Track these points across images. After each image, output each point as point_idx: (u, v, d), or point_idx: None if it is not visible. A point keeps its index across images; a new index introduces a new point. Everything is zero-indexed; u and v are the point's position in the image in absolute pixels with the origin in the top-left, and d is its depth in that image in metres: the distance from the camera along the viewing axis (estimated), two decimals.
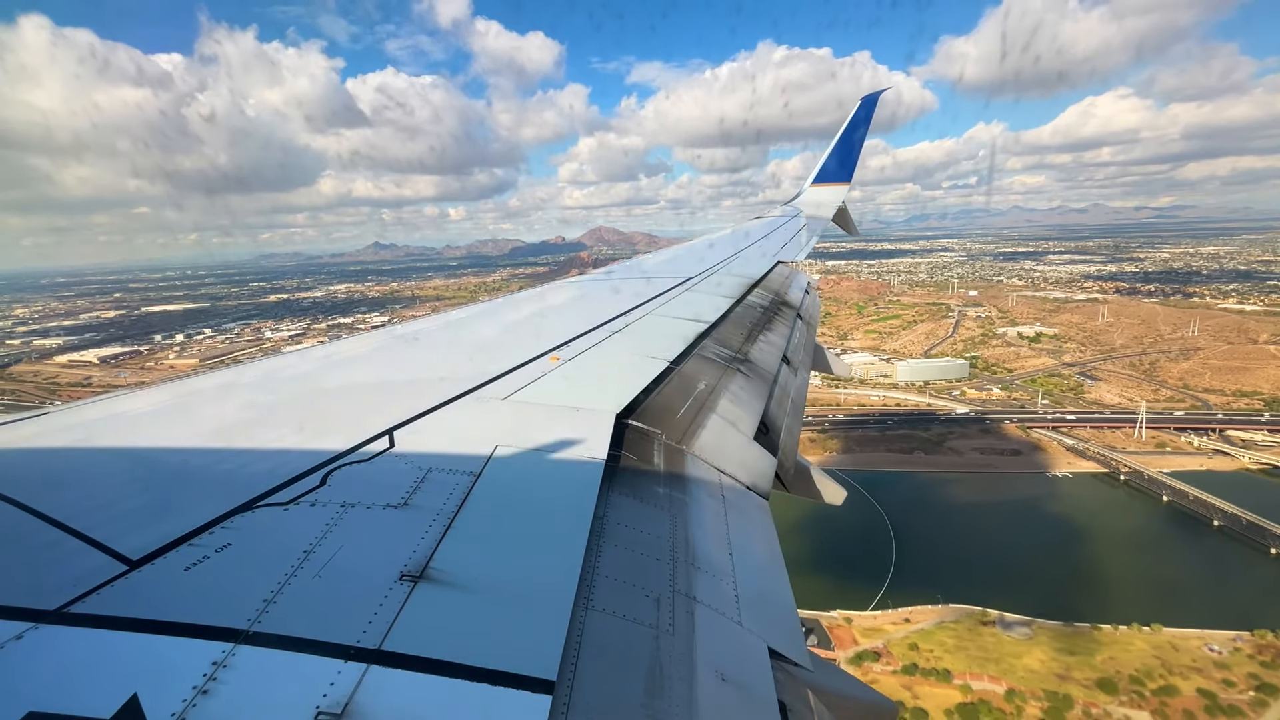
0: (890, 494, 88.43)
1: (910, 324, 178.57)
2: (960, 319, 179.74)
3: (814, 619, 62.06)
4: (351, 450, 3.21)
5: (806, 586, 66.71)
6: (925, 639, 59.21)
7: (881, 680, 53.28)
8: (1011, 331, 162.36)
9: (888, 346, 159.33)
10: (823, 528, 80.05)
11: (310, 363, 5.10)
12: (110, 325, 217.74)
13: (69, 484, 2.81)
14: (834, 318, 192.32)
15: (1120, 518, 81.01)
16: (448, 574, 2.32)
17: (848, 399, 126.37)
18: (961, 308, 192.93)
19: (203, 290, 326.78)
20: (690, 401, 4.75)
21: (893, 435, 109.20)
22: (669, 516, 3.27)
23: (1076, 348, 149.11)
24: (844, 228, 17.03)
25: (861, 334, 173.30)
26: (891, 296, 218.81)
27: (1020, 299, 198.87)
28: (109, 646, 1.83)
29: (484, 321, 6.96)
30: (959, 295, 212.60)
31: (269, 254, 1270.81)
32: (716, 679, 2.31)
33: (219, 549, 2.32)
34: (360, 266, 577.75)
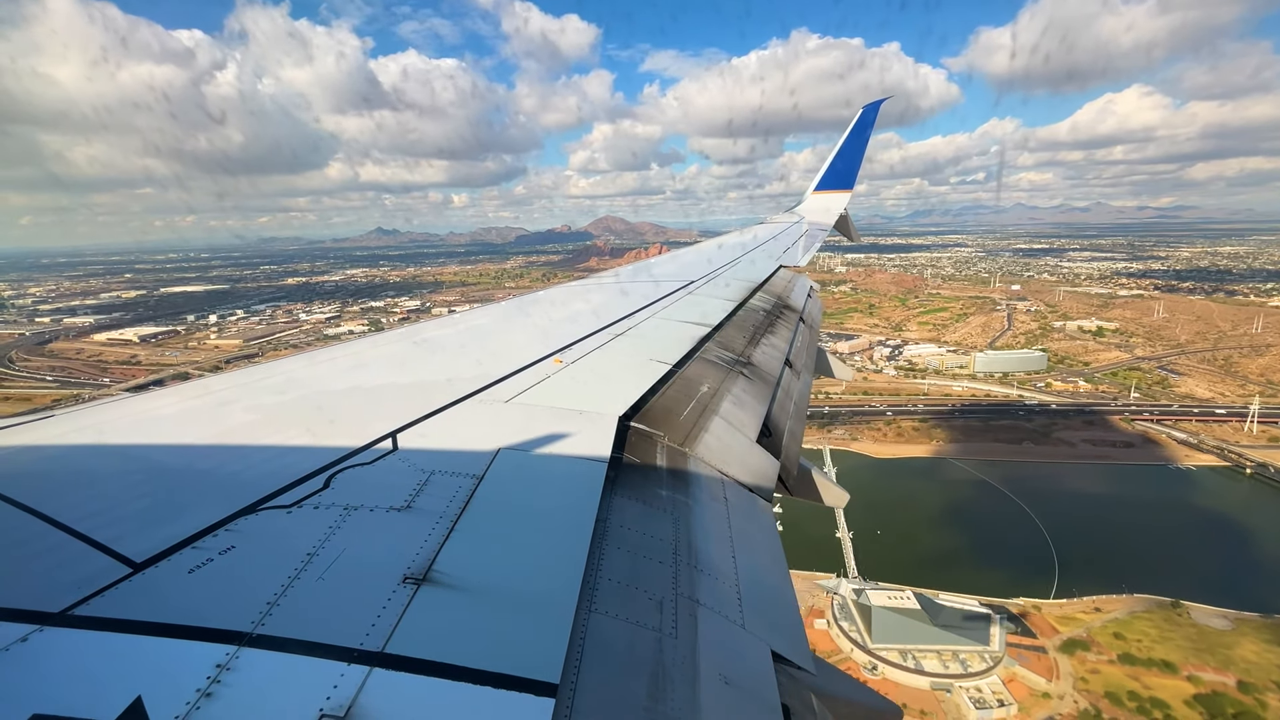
0: (1017, 485, 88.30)
1: (961, 317, 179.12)
2: (1011, 313, 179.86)
3: (1000, 606, 61.79)
4: (355, 453, 3.22)
5: (977, 577, 67.78)
6: (1125, 628, 58.96)
7: (1104, 671, 53.40)
8: (1071, 325, 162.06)
9: (948, 338, 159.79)
10: (968, 518, 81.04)
11: (314, 365, 5.11)
12: (136, 305, 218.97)
13: (73, 486, 2.82)
14: (879, 309, 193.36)
15: (1263, 510, 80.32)
16: (451, 576, 2.32)
17: (932, 389, 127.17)
18: (1009, 302, 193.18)
19: (214, 272, 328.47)
20: (693, 404, 4.75)
21: (996, 425, 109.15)
22: (672, 519, 3.27)
23: (1144, 343, 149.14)
24: (845, 234, 17.05)
25: (915, 325, 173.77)
26: (928, 290, 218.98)
27: (1067, 294, 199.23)
28: (113, 649, 1.83)
29: (487, 324, 6.97)
30: (1001, 289, 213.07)
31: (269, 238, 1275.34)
32: (720, 682, 2.30)
33: (222, 551, 2.32)
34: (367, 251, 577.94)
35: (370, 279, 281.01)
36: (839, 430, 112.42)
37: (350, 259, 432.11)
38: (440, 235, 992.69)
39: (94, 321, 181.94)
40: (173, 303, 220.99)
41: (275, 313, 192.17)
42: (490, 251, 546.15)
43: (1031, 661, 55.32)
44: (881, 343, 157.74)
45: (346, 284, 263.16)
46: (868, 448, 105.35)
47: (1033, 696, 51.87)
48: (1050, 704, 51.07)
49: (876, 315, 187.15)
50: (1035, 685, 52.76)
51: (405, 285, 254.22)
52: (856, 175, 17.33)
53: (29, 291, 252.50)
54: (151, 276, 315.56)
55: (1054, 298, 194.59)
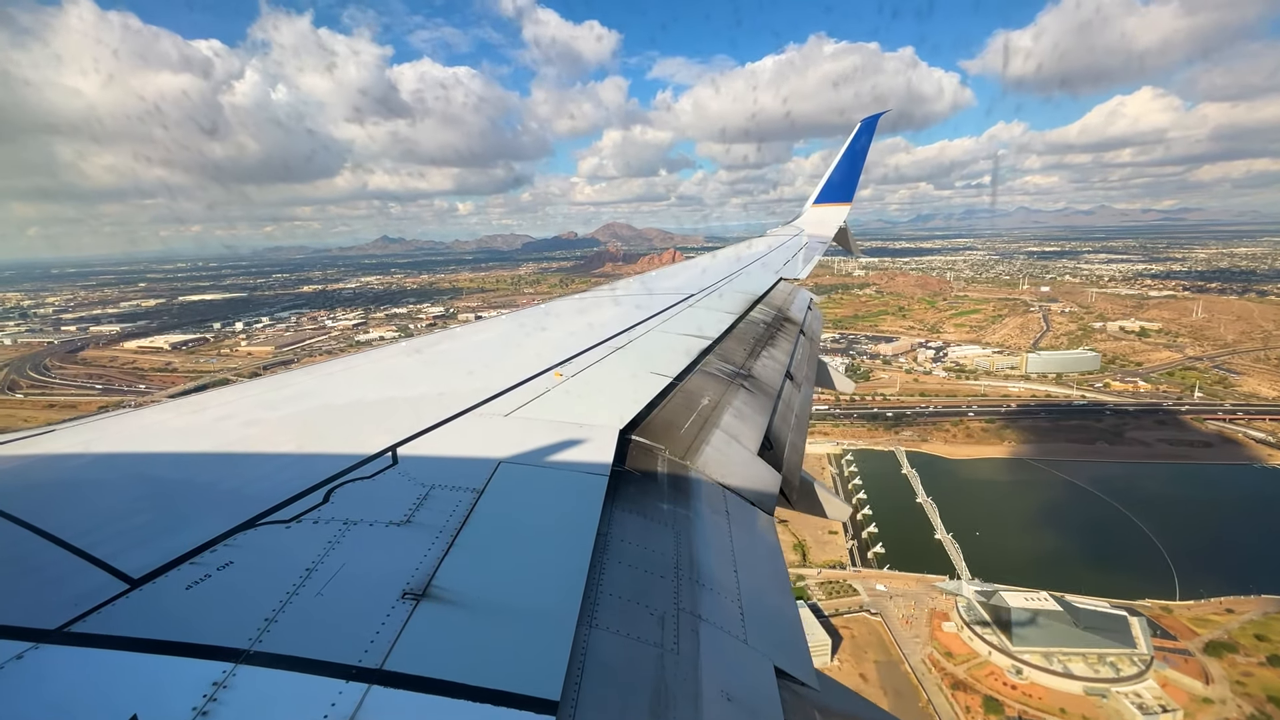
0: (1105, 485, 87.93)
1: (995, 318, 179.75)
2: (1046, 314, 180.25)
3: (1129, 608, 60.86)
4: (354, 467, 3.21)
5: (1092, 578, 66.90)
6: (1266, 630, 57.82)
7: (1257, 674, 52.15)
8: (1112, 326, 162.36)
9: (989, 339, 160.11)
10: (1066, 518, 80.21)
11: (313, 379, 5.11)
12: (158, 313, 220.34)
13: (70, 502, 2.81)
14: (909, 311, 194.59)
15: None
16: (450, 592, 2.30)
17: (989, 390, 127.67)
18: (1040, 303, 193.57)
19: (227, 281, 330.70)
20: (694, 417, 4.74)
21: (1065, 426, 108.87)
22: (673, 533, 3.25)
23: (1191, 342, 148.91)
24: (844, 247, 17.14)
25: (952, 327, 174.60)
26: (955, 292, 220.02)
27: (1100, 295, 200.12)
28: (109, 666, 1.81)
29: (487, 337, 6.98)
30: (1030, 291, 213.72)
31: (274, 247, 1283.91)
32: (722, 699, 2.28)
33: (220, 567, 2.31)
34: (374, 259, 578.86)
35: (386, 286, 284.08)
36: (907, 432, 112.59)
37: (359, 267, 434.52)
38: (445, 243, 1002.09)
39: (120, 330, 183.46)
40: (195, 310, 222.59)
41: (300, 319, 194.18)
42: (499, 258, 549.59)
43: (1180, 665, 53.91)
44: (922, 344, 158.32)
45: (364, 291, 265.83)
46: (939, 449, 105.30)
47: (1194, 701, 50.32)
48: (1214, 709, 49.64)
49: (910, 318, 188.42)
50: (1192, 690, 51.22)
51: (424, 292, 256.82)
52: (856, 188, 17.47)
53: (47, 301, 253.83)
54: (166, 285, 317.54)
55: (1085, 299, 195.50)
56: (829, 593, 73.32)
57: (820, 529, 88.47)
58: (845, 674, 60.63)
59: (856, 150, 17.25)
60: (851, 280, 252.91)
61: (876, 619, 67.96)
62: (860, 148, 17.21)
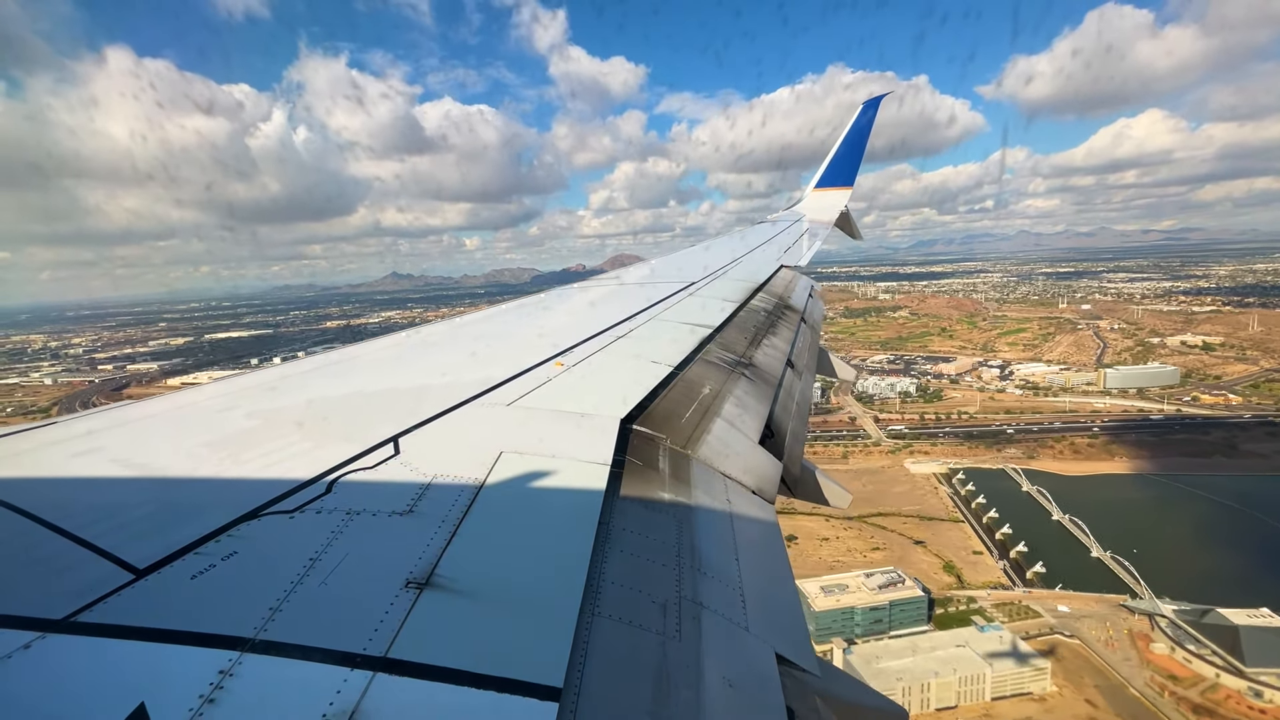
0: (1246, 500, 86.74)
1: (1045, 336, 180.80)
2: (1097, 331, 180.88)
3: None
4: (357, 457, 3.21)
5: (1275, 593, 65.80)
6: None
7: None
8: (1173, 341, 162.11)
9: (1049, 357, 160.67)
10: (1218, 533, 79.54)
11: (315, 370, 5.11)
12: (190, 351, 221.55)
13: (76, 493, 2.82)
14: (953, 332, 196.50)
15: None
16: (453, 581, 2.32)
17: (1074, 405, 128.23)
18: (1087, 320, 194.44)
19: (246, 319, 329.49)
20: (695, 406, 4.74)
21: (1173, 440, 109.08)
22: (675, 522, 3.26)
23: (1262, 355, 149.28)
24: (847, 232, 17.01)
25: (1005, 346, 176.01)
26: (991, 313, 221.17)
27: (1146, 312, 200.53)
28: (116, 656, 1.83)
29: (488, 327, 6.97)
30: (1071, 309, 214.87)
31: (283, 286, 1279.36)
32: (724, 685, 2.30)
33: (225, 557, 2.32)
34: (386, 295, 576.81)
35: (408, 319, 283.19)
36: (1011, 449, 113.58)
37: (373, 302, 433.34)
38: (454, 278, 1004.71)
39: (158, 368, 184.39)
40: (225, 347, 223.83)
41: None
42: (509, 291, 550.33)
43: None
44: (982, 363, 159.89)
45: (388, 325, 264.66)
46: (1051, 465, 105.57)
47: None
48: None
49: (957, 338, 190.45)
50: None
51: None
52: (857, 172, 17.31)
53: (73, 342, 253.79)
54: (187, 325, 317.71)
55: (1130, 315, 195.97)
56: (1009, 615, 73.00)
57: (962, 549, 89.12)
58: (1069, 700, 59.28)
59: (858, 133, 17.08)
60: (879, 304, 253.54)
61: (1072, 641, 67.01)
62: (862, 131, 17.04)
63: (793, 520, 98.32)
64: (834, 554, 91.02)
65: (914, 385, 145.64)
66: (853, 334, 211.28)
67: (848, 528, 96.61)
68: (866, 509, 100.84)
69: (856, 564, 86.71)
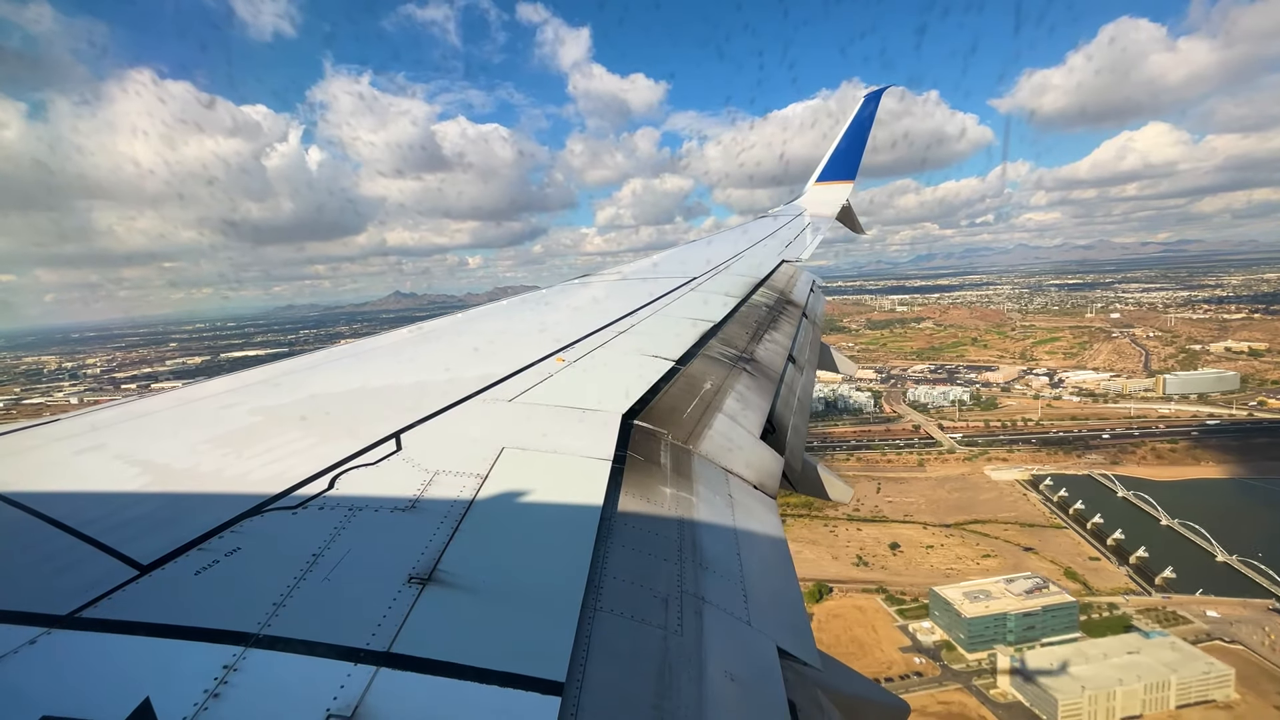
0: None
1: (1081, 345, 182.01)
2: (1134, 338, 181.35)
3: None
4: (359, 454, 3.22)
5: None
6: None
7: None
8: (1217, 347, 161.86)
9: (1091, 364, 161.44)
10: None
11: (317, 366, 5.12)
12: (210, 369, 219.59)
13: (80, 490, 2.84)
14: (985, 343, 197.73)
15: None
16: (456, 576, 2.33)
17: (1137, 411, 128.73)
18: (1120, 329, 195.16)
19: (257, 339, 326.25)
20: (696, 401, 4.74)
21: (1256, 444, 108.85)
22: (676, 517, 3.27)
23: None
24: (849, 226, 16.95)
25: (1044, 354, 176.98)
26: (1017, 323, 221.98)
27: (1178, 320, 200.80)
28: (121, 651, 1.84)
29: (490, 323, 6.97)
30: (1101, 318, 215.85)
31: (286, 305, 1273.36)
32: (726, 679, 2.30)
33: (229, 553, 2.33)
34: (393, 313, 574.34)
35: None
36: (1092, 455, 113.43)
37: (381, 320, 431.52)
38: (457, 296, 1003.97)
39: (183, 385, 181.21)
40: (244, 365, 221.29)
41: None
42: None
43: None
44: (1027, 372, 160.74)
45: None
46: (1138, 471, 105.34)
47: None
48: None
49: (992, 348, 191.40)
50: None
51: None
52: (859, 165, 17.23)
53: (86, 363, 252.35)
54: (198, 344, 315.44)
55: (1162, 324, 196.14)
56: (1158, 620, 72.43)
57: (1077, 555, 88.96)
58: (1256, 707, 58.69)
59: (859, 126, 16.99)
60: (900, 315, 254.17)
61: (1234, 646, 66.34)
62: (864, 124, 16.94)
63: (889, 529, 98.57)
64: (943, 561, 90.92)
65: (967, 394, 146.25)
66: (884, 345, 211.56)
67: (949, 535, 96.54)
68: (961, 516, 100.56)
69: (971, 571, 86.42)
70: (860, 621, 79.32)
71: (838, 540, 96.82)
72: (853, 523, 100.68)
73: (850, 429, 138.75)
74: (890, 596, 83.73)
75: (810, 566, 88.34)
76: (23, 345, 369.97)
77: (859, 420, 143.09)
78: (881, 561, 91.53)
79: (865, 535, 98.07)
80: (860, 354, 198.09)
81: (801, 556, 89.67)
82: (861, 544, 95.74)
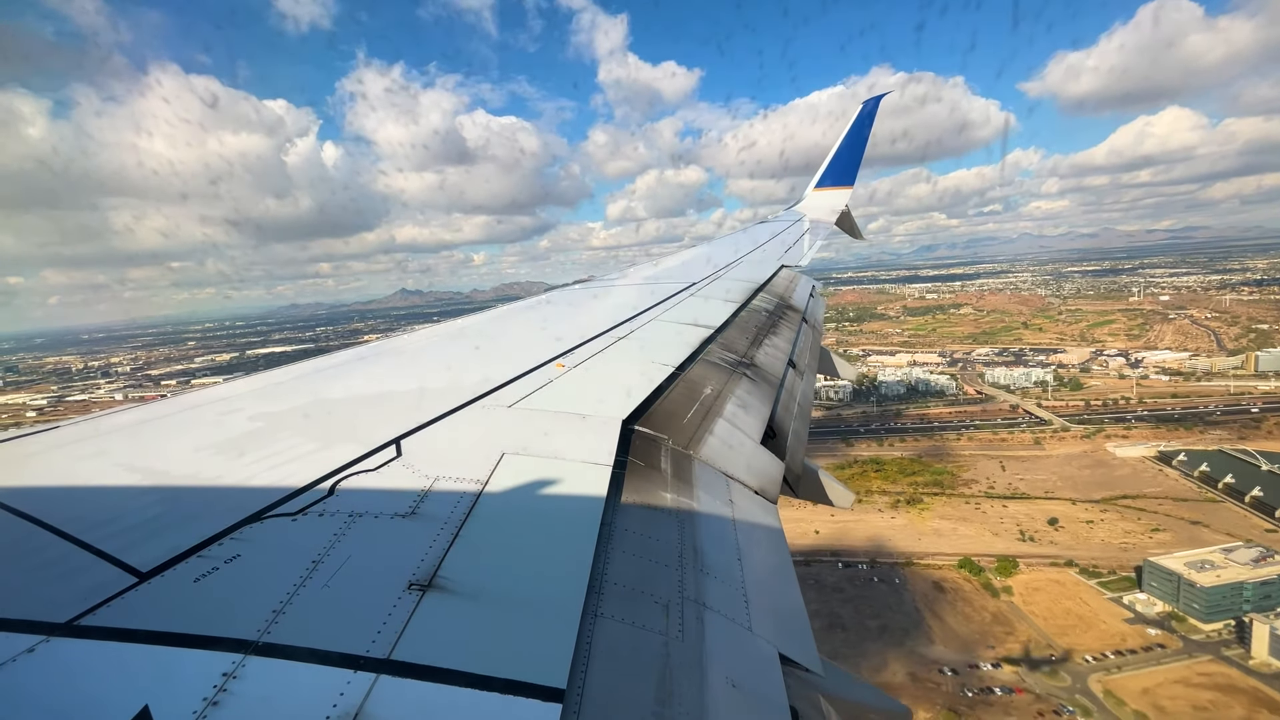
0: None
1: (1139, 327, 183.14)
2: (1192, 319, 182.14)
3: None
4: (359, 460, 3.22)
5: None
6: None
7: None
8: None
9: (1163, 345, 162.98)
10: None
11: (316, 372, 5.12)
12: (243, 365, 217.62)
13: (79, 497, 2.83)
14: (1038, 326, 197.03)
15: None
16: (456, 582, 2.32)
17: (1240, 389, 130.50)
18: (1174, 311, 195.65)
19: (275, 336, 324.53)
20: (696, 407, 4.74)
21: None
22: (677, 522, 3.26)
23: None
24: (848, 232, 17.01)
25: (1105, 337, 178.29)
26: (1059, 308, 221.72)
27: (1233, 301, 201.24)
28: (120, 658, 1.83)
29: (489, 329, 6.98)
30: (1150, 301, 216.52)
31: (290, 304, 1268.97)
32: (727, 685, 2.29)
33: (228, 560, 2.32)
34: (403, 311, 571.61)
35: None
36: (1215, 431, 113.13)
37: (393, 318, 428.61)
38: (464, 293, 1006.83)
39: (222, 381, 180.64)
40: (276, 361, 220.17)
41: None
42: None
43: None
44: (1098, 353, 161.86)
45: None
46: (1269, 445, 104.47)
47: None
48: None
49: (1047, 331, 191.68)
50: None
51: None
52: (857, 171, 17.33)
53: (111, 361, 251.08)
54: (217, 342, 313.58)
55: (1217, 305, 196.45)
56: None
57: (1252, 528, 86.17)
58: None
59: (858, 132, 17.09)
60: (928, 303, 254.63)
61: None
62: (862, 130, 17.05)
63: (1036, 505, 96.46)
64: (1111, 535, 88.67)
65: (1048, 374, 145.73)
66: (934, 330, 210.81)
67: (1103, 511, 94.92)
68: (1106, 492, 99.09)
69: (1146, 545, 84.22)
70: (1064, 594, 77.31)
71: (988, 517, 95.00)
72: (992, 500, 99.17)
73: (946, 410, 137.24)
74: (1084, 570, 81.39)
75: (974, 543, 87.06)
76: (36, 347, 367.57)
77: (950, 402, 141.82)
78: (1047, 536, 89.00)
79: (1014, 512, 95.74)
80: (912, 339, 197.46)
81: (959, 533, 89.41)
82: (1016, 520, 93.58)
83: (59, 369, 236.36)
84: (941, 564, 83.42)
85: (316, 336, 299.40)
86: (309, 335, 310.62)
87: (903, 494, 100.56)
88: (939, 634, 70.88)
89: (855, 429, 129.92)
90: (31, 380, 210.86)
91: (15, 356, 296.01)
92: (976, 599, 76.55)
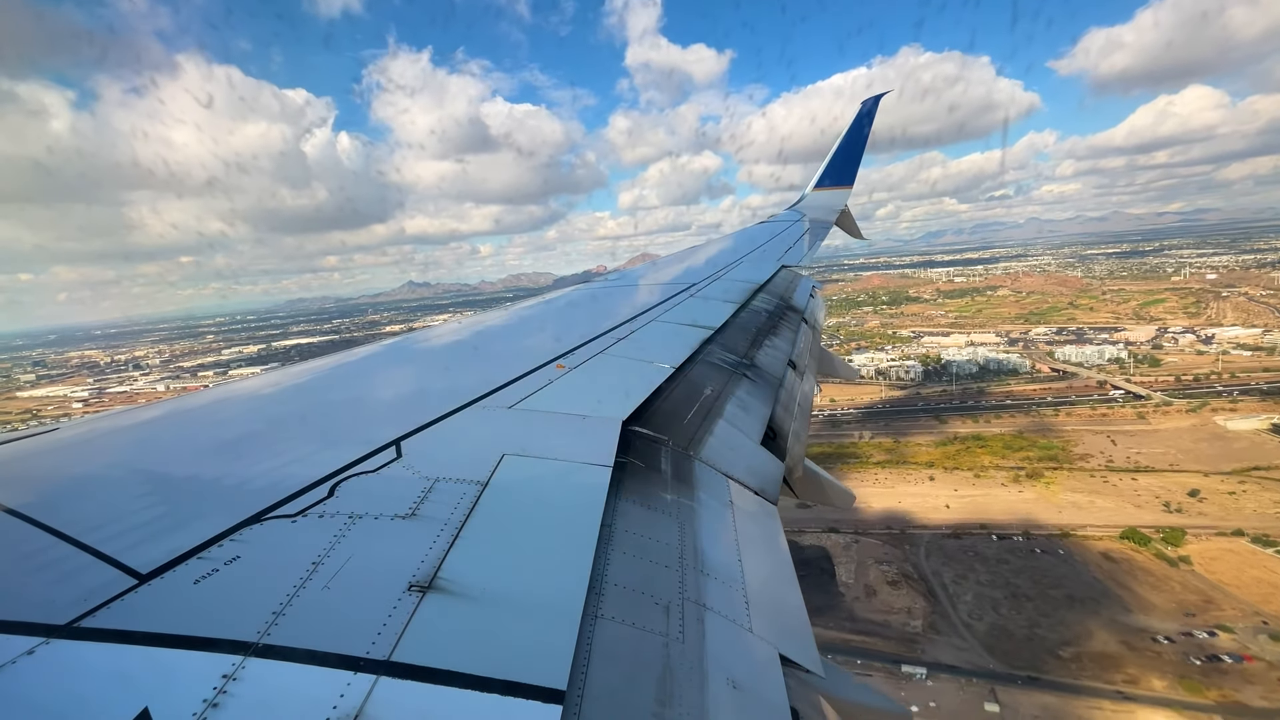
0: None
1: (1195, 304, 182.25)
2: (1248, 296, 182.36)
3: None
4: (359, 461, 3.22)
5: None
6: None
7: None
8: None
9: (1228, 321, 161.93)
10: None
11: (316, 374, 5.12)
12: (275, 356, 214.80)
13: (78, 498, 2.83)
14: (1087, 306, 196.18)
15: None
16: (456, 584, 2.32)
17: None
18: (1226, 289, 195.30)
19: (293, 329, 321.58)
20: (696, 408, 4.74)
21: None
22: (677, 523, 3.26)
23: None
24: (848, 231, 17.03)
25: (1163, 314, 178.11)
26: (1100, 288, 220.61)
27: None
28: (120, 660, 1.83)
29: (489, 330, 6.98)
30: (1197, 280, 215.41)
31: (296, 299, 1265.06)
32: (728, 686, 2.29)
33: (228, 561, 2.32)
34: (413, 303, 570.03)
35: None
36: None
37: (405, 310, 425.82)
38: (472, 285, 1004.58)
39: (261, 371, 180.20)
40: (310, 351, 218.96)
41: None
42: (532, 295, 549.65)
43: None
44: (1163, 330, 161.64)
45: None
46: None
47: None
48: None
49: (1098, 310, 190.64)
50: None
51: None
52: (857, 171, 17.35)
53: (136, 354, 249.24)
54: (238, 336, 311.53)
55: (1266, 282, 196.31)
56: None
57: None
58: None
59: (857, 132, 17.11)
60: (954, 286, 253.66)
61: None
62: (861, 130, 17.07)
63: (1167, 478, 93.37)
64: (1262, 505, 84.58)
65: (1124, 352, 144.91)
66: (979, 311, 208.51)
67: (1241, 481, 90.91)
68: (1235, 464, 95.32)
69: None
70: (1245, 563, 73.26)
71: (1120, 490, 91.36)
72: (1116, 474, 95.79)
73: (1029, 387, 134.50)
74: (1255, 539, 76.88)
75: (1118, 514, 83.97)
76: (52, 343, 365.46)
77: (1029, 379, 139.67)
78: (1194, 508, 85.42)
79: (1146, 485, 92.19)
80: (959, 320, 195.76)
81: (1098, 506, 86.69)
82: (1153, 492, 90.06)
83: (85, 363, 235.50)
84: (1100, 535, 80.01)
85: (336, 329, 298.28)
86: (327, 327, 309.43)
87: (1021, 469, 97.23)
88: (1132, 603, 67.18)
89: (940, 407, 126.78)
90: (62, 374, 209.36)
91: (36, 351, 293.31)
92: (1155, 568, 72.96)
